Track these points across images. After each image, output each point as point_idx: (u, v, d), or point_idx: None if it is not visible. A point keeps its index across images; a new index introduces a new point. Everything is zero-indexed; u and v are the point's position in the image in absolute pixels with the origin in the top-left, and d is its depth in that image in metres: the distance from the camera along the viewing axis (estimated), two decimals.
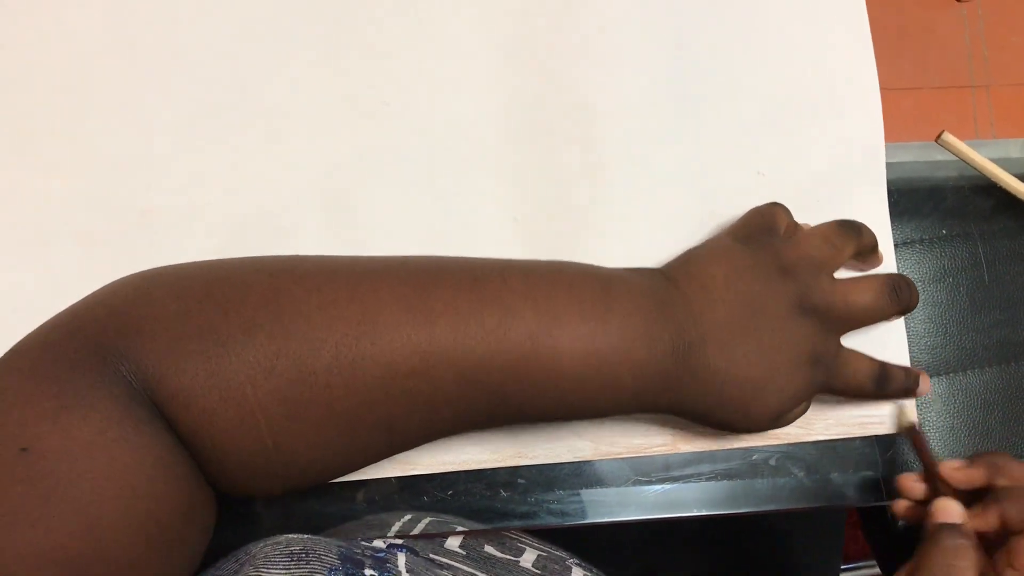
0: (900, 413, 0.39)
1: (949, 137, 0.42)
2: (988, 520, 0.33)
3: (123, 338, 0.26)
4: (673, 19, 0.41)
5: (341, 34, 0.39)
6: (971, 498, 0.35)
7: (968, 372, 0.42)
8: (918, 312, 0.42)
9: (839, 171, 0.41)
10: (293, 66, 0.39)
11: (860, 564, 0.82)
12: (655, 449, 0.37)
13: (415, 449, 0.35)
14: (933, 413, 0.41)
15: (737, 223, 0.37)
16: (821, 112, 0.41)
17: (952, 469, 0.36)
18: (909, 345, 0.41)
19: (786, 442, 0.38)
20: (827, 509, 0.64)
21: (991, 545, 0.33)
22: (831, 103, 0.41)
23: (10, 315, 0.35)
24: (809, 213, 0.38)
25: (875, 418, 0.39)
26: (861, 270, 0.39)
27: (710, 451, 0.38)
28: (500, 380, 0.29)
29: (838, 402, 0.38)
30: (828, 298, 0.33)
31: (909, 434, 0.38)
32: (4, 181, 0.37)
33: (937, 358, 0.42)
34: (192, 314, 0.27)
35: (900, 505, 0.38)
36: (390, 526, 0.37)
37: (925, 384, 0.37)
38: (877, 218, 0.40)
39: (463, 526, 0.37)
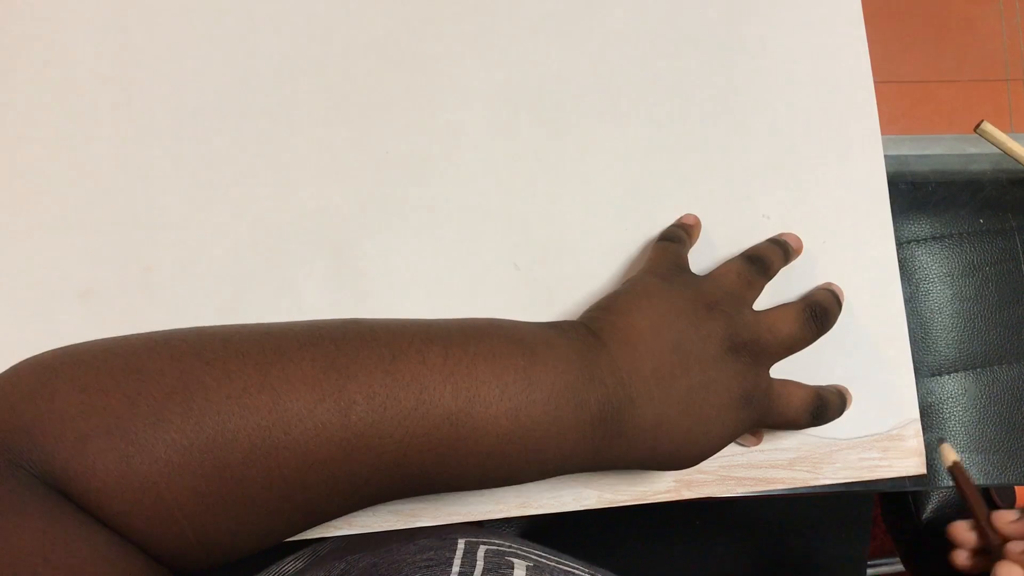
0: (943, 451, 0.39)
1: (988, 127, 0.42)
2: None
3: (27, 439, 0.25)
4: (673, 64, 0.41)
5: (344, 84, 0.40)
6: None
7: (996, 367, 0.41)
8: (945, 307, 0.42)
9: (844, 213, 0.40)
10: (296, 116, 0.39)
11: (881, 562, 0.82)
12: (660, 496, 0.37)
13: (418, 503, 0.36)
14: (959, 408, 0.41)
15: (651, 261, 0.37)
16: (824, 154, 0.40)
17: (1006, 523, 0.36)
18: (935, 340, 0.41)
19: (792, 487, 0.38)
20: (853, 502, 0.64)
21: None
22: (834, 145, 0.41)
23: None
24: (817, 255, 0.39)
25: (883, 462, 0.38)
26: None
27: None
28: (420, 462, 0.28)
29: (848, 447, 0.38)
30: (755, 331, 0.33)
31: (953, 472, 0.38)
32: (6, 236, 0.38)
33: (964, 353, 0.41)
34: (97, 409, 0.25)
35: (960, 556, 0.38)
36: (450, 564, 0.34)
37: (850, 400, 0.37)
38: (884, 256, 0.40)
39: (519, 550, 0.35)
